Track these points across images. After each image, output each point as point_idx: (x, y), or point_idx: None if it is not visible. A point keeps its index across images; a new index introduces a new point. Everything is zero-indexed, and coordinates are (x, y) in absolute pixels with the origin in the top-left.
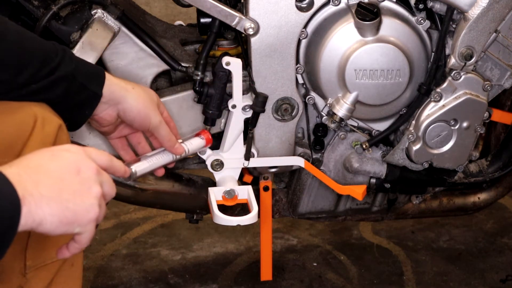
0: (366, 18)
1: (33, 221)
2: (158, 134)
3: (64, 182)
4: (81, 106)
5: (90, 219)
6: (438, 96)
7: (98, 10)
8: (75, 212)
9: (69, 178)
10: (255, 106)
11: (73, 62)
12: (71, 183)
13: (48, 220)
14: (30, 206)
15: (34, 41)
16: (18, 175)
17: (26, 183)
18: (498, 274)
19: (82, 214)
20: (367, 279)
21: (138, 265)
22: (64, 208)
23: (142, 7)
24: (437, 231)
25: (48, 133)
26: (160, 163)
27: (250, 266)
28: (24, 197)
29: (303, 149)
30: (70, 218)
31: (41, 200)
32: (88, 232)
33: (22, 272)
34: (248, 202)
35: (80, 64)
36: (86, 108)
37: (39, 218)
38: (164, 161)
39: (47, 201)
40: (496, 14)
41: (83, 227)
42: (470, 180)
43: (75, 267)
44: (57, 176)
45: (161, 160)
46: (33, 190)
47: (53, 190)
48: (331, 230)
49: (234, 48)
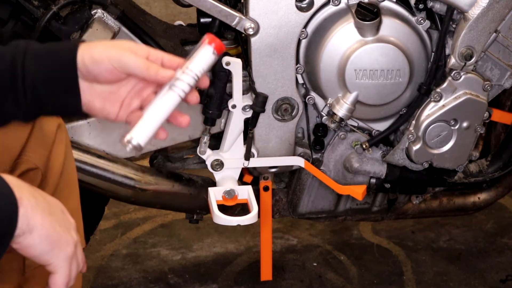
0: (366, 18)
1: (28, 225)
2: (129, 67)
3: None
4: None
5: (66, 254)
6: (438, 96)
7: (98, 10)
8: (60, 237)
9: (57, 210)
10: (255, 106)
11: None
12: (58, 214)
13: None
14: (27, 209)
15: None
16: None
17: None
18: (498, 274)
19: (63, 243)
20: (367, 279)
21: (138, 265)
22: (53, 226)
23: (142, 7)
24: (437, 231)
25: (47, 132)
26: (165, 110)
27: (250, 266)
28: (22, 199)
29: (303, 149)
30: (55, 239)
31: (36, 209)
32: (63, 269)
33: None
34: (248, 202)
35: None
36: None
37: (33, 224)
38: (168, 105)
39: (42, 212)
40: (496, 14)
41: (57, 259)
42: (470, 180)
43: None
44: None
45: (164, 105)
46: (30, 198)
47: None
48: (331, 230)
49: (234, 48)
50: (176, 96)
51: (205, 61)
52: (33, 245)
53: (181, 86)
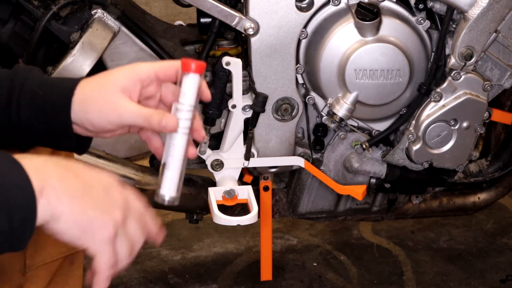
0: (366, 18)
1: (52, 214)
2: (130, 123)
3: (90, 189)
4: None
5: (102, 237)
6: (438, 96)
7: (98, 10)
8: (92, 221)
9: (96, 189)
10: (255, 106)
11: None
12: (96, 194)
13: (65, 217)
14: (50, 198)
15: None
16: (44, 164)
17: (50, 174)
18: (498, 274)
19: (97, 226)
20: (367, 279)
21: (138, 265)
22: (83, 210)
23: (142, 7)
24: (437, 231)
25: None
26: (181, 156)
27: (250, 266)
28: (44, 188)
29: (303, 149)
30: (85, 224)
31: (63, 194)
32: (101, 253)
33: (22, 271)
34: (248, 202)
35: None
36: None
37: (58, 212)
38: (182, 150)
39: (69, 197)
40: (496, 14)
41: (93, 243)
42: (470, 180)
43: (75, 266)
44: (86, 180)
45: (179, 152)
46: (57, 184)
47: (77, 190)
48: (331, 230)
49: (234, 48)
50: (185, 137)
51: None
52: (62, 232)
53: (184, 125)
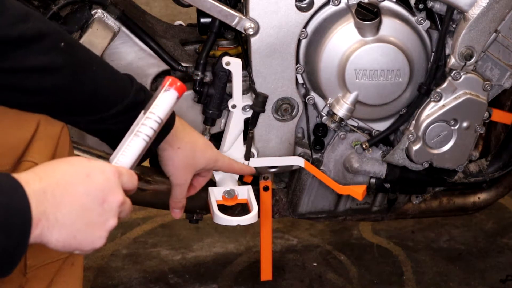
0: (366, 18)
1: (41, 241)
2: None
3: (84, 212)
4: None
5: (93, 248)
6: (438, 96)
7: (98, 10)
8: (80, 242)
9: (92, 207)
10: (255, 106)
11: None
12: (91, 213)
13: (53, 244)
14: (43, 229)
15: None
16: (43, 193)
17: (47, 204)
18: (498, 274)
19: (86, 244)
20: (367, 279)
21: (138, 265)
22: (72, 237)
23: (142, 7)
24: (437, 231)
25: (51, 134)
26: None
27: (250, 266)
28: (40, 220)
29: (303, 149)
30: (74, 246)
31: (54, 226)
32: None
33: (22, 272)
34: (248, 202)
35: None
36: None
37: (46, 240)
38: (136, 152)
39: (59, 228)
40: (496, 14)
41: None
42: (470, 180)
43: (75, 267)
44: (81, 203)
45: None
46: (50, 215)
47: (70, 217)
48: (331, 230)
49: (234, 48)
50: (143, 143)
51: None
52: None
53: (146, 132)
